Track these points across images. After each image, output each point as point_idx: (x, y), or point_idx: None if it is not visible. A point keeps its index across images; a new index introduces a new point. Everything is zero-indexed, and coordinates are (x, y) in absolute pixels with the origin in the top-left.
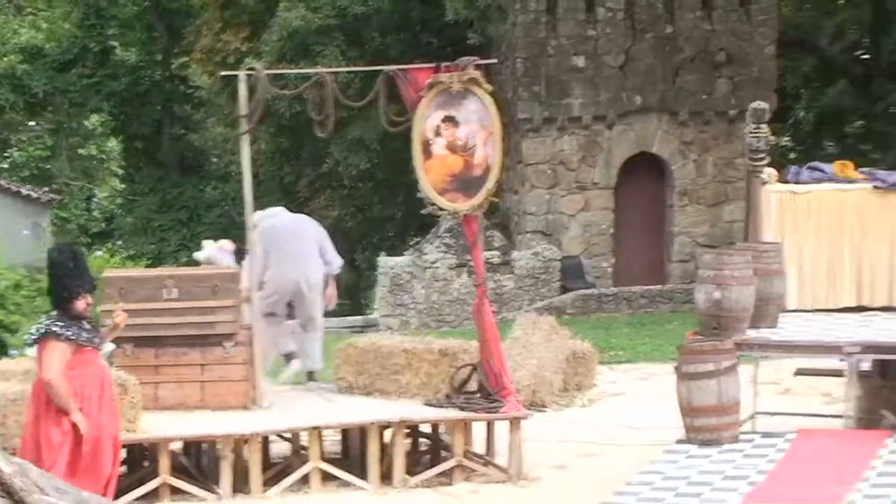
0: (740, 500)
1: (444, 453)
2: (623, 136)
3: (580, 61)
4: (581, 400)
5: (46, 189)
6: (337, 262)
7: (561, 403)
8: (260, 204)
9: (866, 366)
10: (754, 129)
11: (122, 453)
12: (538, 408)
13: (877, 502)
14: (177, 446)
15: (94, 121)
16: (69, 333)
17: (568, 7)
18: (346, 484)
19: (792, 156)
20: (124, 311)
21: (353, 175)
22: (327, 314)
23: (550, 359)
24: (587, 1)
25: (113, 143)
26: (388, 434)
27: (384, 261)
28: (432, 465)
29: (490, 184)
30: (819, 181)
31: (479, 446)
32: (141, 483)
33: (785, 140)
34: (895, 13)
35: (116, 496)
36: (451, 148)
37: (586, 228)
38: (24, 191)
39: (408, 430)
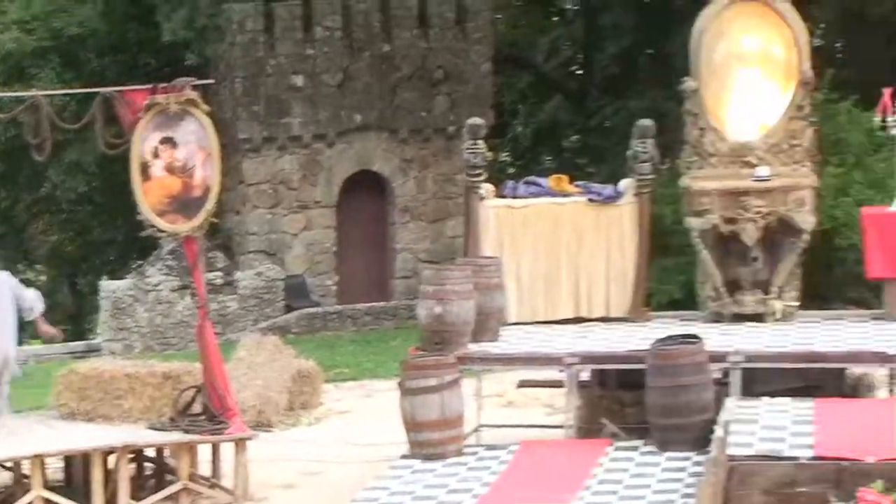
0: None
1: (169, 477)
2: (343, 154)
3: (299, 80)
4: (307, 419)
5: None
6: (39, 306)
7: (287, 423)
8: None
9: (585, 376)
10: (471, 145)
11: None
12: (264, 428)
13: None
14: None
15: None
16: None
17: (285, 27)
18: None
19: (511, 171)
20: None
21: (71, 199)
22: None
23: (275, 378)
24: (305, 20)
25: None
26: (112, 460)
27: (106, 285)
28: (158, 489)
29: (210, 204)
30: (536, 195)
31: (204, 469)
32: None
33: (504, 155)
34: (607, 30)
35: None
36: (170, 169)
37: (309, 247)
38: None
39: (132, 455)
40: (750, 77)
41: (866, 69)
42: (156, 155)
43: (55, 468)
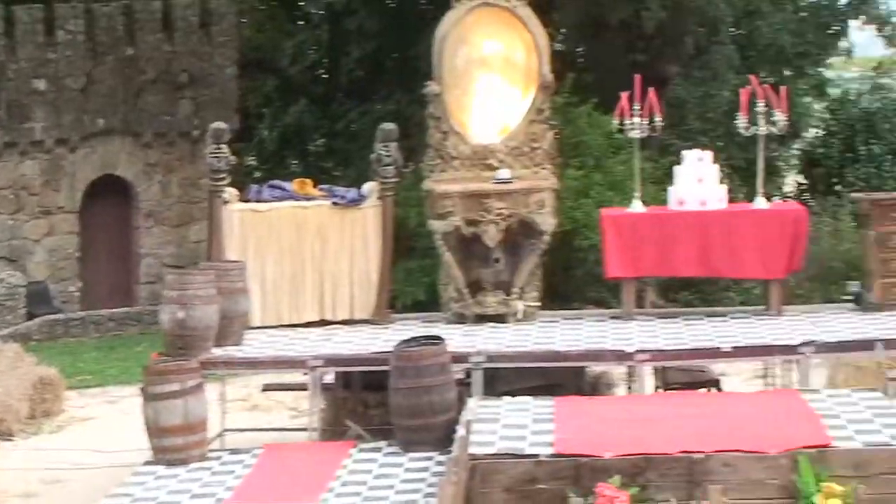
0: None
1: None
2: (87, 158)
3: (41, 84)
4: (49, 426)
5: None
6: None
7: (28, 431)
8: None
9: (330, 378)
10: (215, 149)
11: None
12: (4, 436)
13: None
14: None
15: None
16: None
17: (26, 30)
18: None
19: (258, 175)
20: None
21: None
22: None
23: (16, 386)
24: (46, 24)
25: None
26: None
27: None
28: None
29: None
30: (280, 199)
31: None
32: None
33: (250, 160)
34: (352, 34)
35: None
36: None
37: (52, 253)
38: None
39: None
40: (491, 81)
41: (606, 73)
42: None
43: None
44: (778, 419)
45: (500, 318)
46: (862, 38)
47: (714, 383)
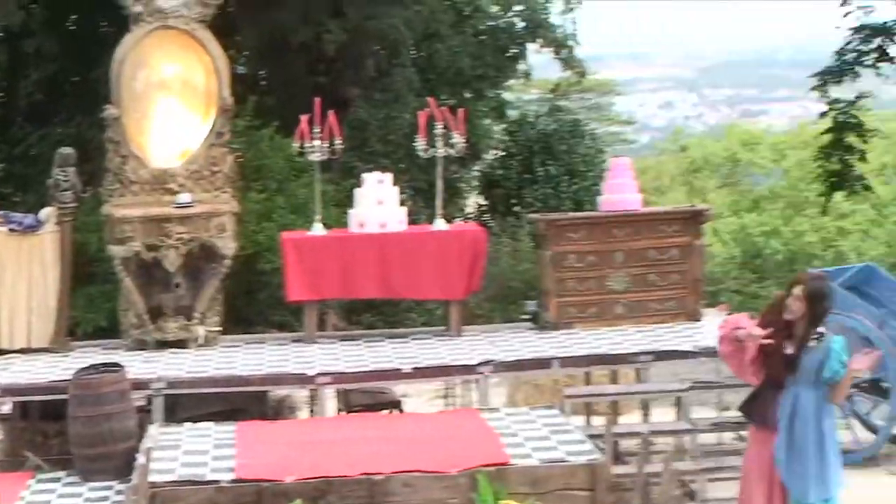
0: None
1: None
2: None
3: None
4: None
5: None
6: None
7: None
8: None
9: (8, 408)
10: None
11: None
12: None
13: None
14: None
15: None
16: None
17: None
18: None
19: None
20: None
21: None
22: None
23: None
24: None
25: None
26: None
27: None
28: None
29: None
30: None
31: None
32: None
33: None
34: (31, 56)
35: None
36: None
37: None
38: None
39: None
40: (170, 105)
41: (288, 96)
42: None
43: None
44: (458, 438)
45: (181, 344)
46: (540, 61)
47: (395, 404)
